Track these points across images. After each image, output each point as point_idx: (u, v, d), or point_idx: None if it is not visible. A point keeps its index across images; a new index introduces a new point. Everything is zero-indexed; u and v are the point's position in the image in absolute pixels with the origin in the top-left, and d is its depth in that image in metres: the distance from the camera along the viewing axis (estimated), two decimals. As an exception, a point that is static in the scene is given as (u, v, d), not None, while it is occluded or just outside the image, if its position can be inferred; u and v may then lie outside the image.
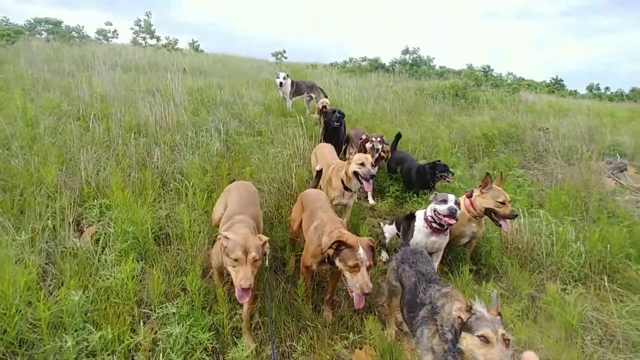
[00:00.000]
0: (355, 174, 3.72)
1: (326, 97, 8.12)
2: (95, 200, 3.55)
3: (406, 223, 3.10)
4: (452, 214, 3.10)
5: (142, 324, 2.33)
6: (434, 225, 3.22)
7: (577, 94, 19.23)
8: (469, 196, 3.50)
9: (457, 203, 3.16)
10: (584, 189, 5.12)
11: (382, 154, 4.87)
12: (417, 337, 2.09)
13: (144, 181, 3.98)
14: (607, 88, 20.50)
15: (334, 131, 5.50)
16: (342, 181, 3.83)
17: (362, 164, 3.69)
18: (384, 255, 3.83)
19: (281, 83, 8.02)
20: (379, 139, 4.81)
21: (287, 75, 8.20)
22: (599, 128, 7.88)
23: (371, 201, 4.94)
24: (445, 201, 3.16)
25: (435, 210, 3.19)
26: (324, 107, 6.68)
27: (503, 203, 3.29)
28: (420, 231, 3.29)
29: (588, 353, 2.72)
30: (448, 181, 4.56)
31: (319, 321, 2.73)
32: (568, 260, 3.55)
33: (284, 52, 15.13)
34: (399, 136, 5.52)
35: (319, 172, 3.90)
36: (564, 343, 2.74)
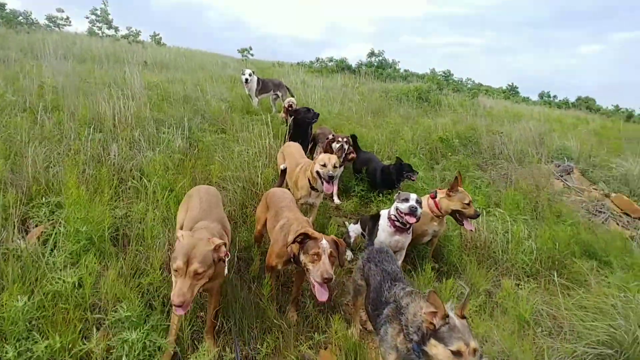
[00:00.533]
0: (318, 174, 3.72)
1: (292, 96, 8.08)
2: (44, 198, 3.30)
3: (371, 223, 3.14)
4: (412, 212, 3.17)
5: (95, 330, 2.19)
6: (397, 224, 3.28)
7: (529, 100, 20.44)
8: (433, 197, 3.60)
9: (418, 202, 3.24)
10: (535, 189, 5.44)
11: (349, 154, 4.90)
12: (381, 336, 2.12)
13: (99, 179, 3.75)
14: (554, 96, 21.97)
15: (302, 130, 5.48)
16: (309, 181, 3.82)
17: (324, 165, 3.69)
18: (349, 254, 3.86)
19: (247, 80, 7.88)
20: (345, 139, 4.85)
21: (253, 72, 8.07)
22: (549, 133, 8.40)
23: (336, 201, 4.97)
24: (407, 200, 3.23)
25: (397, 209, 3.26)
26: (290, 106, 6.63)
27: (468, 204, 3.45)
28: (384, 230, 3.34)
29: (539, 344, 2.88)
30: (413, 180, 4.68)
31: (284, 322, 2.70)
32: (521, 257, 3.75)
33: (250, 48, 14.88)
34: (353, 137, 5.54)
35: (284, 171, 3.87)
36: (517, 335, 2.88)
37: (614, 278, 3.38)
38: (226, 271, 2.32)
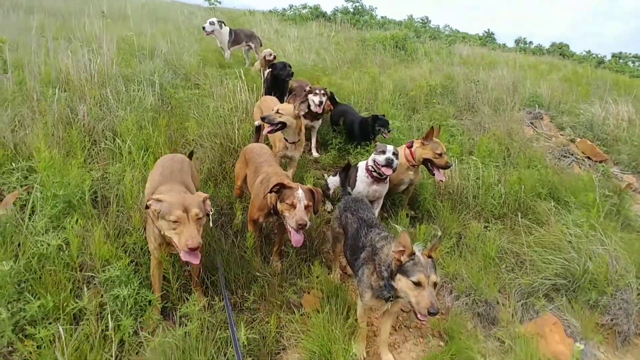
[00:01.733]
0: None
1: (261, 46, 7.81)
2: (13, 164, 3.21)
3: (343, 174, 3.23)
4: (389, 164, 3.28)
5: (85, 289, 2.27)
6: (374, 174, 3.39)
7: (505, 47, 20.34)
8: (410, 146, 3.70)
9: (395, 154, 3.33)
10: (507, 136, 5.64)
11: (325, 107, 4.87)
12: (359, 277, 2.30)
13: (70, 141, 3.64)
14: (530, 42, 21.93)
15: (279, 84, 5.37)
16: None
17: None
18: (328, 205, 3.99)
19: (211, 30, 7.48)
20: (322, 91, 4.79)
21: (224, 23, 7.65)
22: (522, 81, 8.50)
23: (315, 154, 5.02)
24: (383, 152, 3.32)
25: (375, 161, 3.36)
26: (274, 57, 6.36)
27: (440, 154, 3.54)
28: (362, 181, 3.46)
29: (502, 279, 3.17)
30: (385, 137, 4.65)
31: (268, 271, 2.85)
32: (490, 200, 3.97)
33: (219, -6, 13.93)
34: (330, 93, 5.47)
35: (258, 128, 3.85)
36: (483, 272, 3.15)
37: (571, 216, 3.66)
38: (211, 224, 2.43)
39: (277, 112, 3.58)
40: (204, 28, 7.51)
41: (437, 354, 2.50)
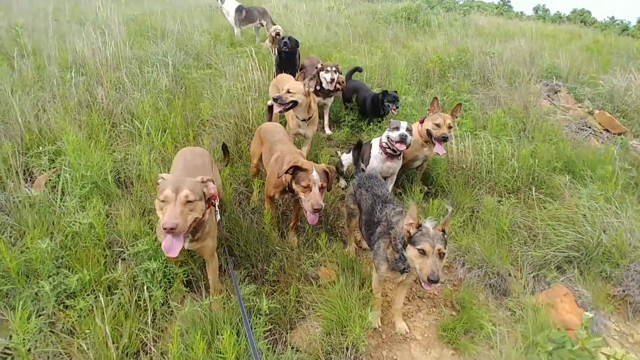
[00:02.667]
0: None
1: (274, 24, 7.70)
2: (40, 147, 3.35)
3: (355, 152, 3.28)
4: (402, 140, 3.31)
5: (118, 263, 2.43)
6: (388, 151, 3.43)
7: (523, 15, 19.55)
8: (422, 122, 3.70)
9: (408, 130, 3.35)
10: (523, 110, 5.54)
11: (337, 85, 4.85)
12: (375, 250, 2.40)
13: (91, 124, 3.76)
14: (548, 10, 21.05)
15: (289, 60, 5.35)
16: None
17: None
18: (342, 182, 4.06)
19: (219, 6, 7.48)
20: (334, 68, 4.77)
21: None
22: (540, 51, 8.23)
23: (327, 131, 5.04)
24: (397, 128, 3.34)
25: (388, 137, 3.39)
26: (277, 34, 6.31)
27: (438, 125, 3.48)
28: (376, 157, 3.51)
29: (515, 252, 3.23)
30: (393, 113, 4.61)
31: (286, 245, 2.97)
32: (504, 175, 3.97)
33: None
34: (358, 69, 5.49)
35: (271, 107, 3.88)
36: (496, 245, 3.21)
37: (586, 190, 3.64)
38: (218, 217, 2.40)
39: (288, 91, 3.61)
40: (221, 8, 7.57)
41: (449, 322, 2.61)
